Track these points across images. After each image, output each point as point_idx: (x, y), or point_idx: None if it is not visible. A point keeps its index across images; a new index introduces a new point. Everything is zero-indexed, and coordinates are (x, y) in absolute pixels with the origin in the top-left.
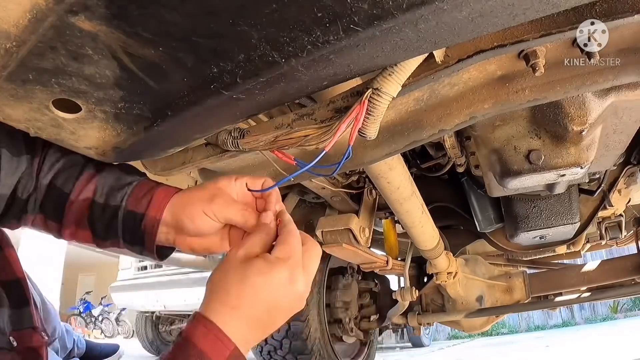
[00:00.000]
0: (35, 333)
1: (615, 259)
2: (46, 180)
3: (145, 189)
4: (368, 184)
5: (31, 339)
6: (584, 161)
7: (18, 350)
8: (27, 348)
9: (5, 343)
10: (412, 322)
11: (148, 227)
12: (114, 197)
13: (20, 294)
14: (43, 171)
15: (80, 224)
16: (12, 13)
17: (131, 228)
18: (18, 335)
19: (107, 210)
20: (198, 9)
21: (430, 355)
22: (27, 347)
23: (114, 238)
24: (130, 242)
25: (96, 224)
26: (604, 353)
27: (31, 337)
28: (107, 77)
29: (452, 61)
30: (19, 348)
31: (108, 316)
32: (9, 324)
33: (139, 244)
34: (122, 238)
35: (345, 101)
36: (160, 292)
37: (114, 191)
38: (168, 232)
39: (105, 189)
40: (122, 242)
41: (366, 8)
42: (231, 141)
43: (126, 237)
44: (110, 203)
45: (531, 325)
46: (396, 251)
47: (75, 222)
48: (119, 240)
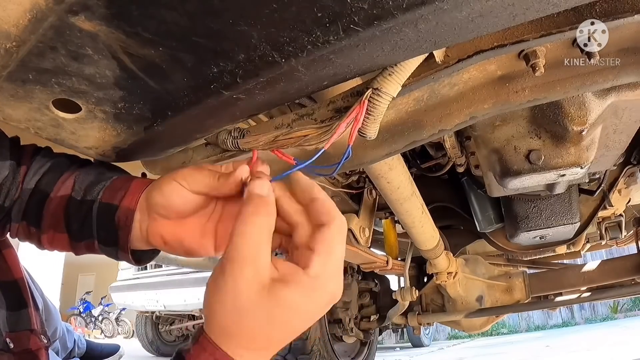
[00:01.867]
0: (33, 336)
1: (615, 259)
2: (30, 185)
3: (123, 181)
4: (368, 184)
5: (28, 342)
6: (584, 161)
7: (15, 352)
8: (25, 350)
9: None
10: (412, 322)
11: (122, 220)
12: (91, 192)
13: (18, 296)
14: (28, 176)
15: (57, 226)
16: (12, 13)
17: (104, 223)
18: (15, 337)
19: (83, 206)
20: (198, 9)
21: (430, 355)
22: (25, 350)
23: (89, 238)
24: (104, 241)
25: (72, 222)
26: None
27: (29, 340)
28: (107, 77)
29: (452, 61)
30: (16, 350)
31: (108, 316)
32: (5, 325)
33: (113, 243)
34: (97, 237)
35: (345, 101)
36: (160, 292)
37: (92, 186)
38: (142, 220)
39: (83, 184)
40: (97, 243)
41: (366, 8)
42: (231, 141)
43: (100, 235)
44: (86, 198)
45: (531, 325)
46: (396, 251)
47: (52, 225)
48: (94, 241)
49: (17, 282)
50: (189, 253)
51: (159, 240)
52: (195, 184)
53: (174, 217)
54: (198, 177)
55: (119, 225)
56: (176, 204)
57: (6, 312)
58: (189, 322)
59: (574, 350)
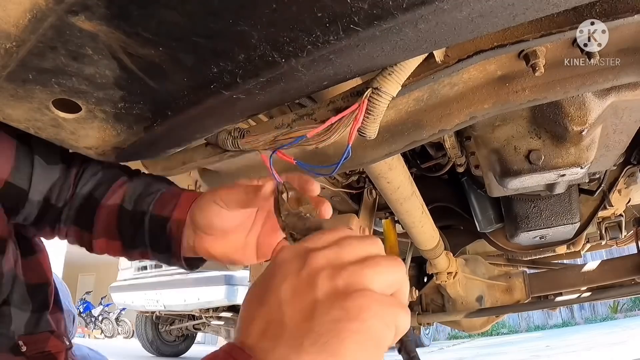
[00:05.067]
0: (54, 338)
1: (615, 259)
2: (83, 191)
3: (172, 194)
4: (368, 184)
5: (47, 344)
6: (584, 161)
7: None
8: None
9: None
10: (412, 322)
11: (174, 231)
12: (142, 204)
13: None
14: (82, 181)
15: (110, 233)
16: (12, 13)
17: (157, 234)
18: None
19: (134, 217)
20: (198, 9)
21: (430, 355)
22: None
23: (142, 247)
24: (158, 249)
25: (124, 231)
26: (604, 353)
27: (47, 342)
28: (107, 77)
29: (452, 61)
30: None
31: (108, 316)
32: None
33: (166, 251)
34: (150, 246)
35: (345, 101)
36: (160, 292)
37: (142, 198)
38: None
39: (134, 196)
40: (150, 251)
41: (366, 8)
42: (231, 141)
43: (153, 244)
44: (137, 209)
45: (531, 325)
46: (396, 251)
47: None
48: (147, 249)
49: (46, 285)
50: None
51: (205, 253)
52: (231, 203)
53: (217, 234)
54: (233, 196)
55: (171, 235)
56: (217, 223)
57: (29, 314)
58: (189, 322)
59: (574, 350)
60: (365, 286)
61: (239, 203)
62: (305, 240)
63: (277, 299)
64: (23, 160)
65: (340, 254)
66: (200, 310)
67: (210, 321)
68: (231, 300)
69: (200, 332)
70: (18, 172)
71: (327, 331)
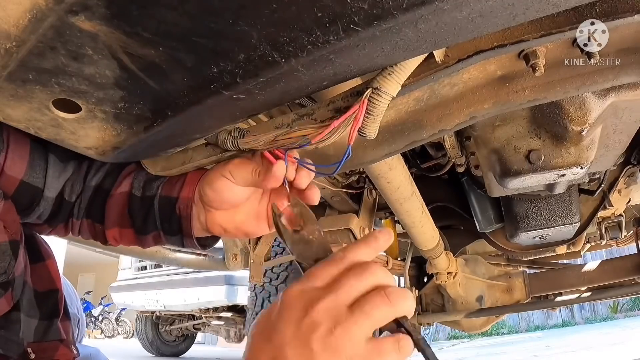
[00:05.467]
0: (63, 346)
1: (615, 259)
2: (92, 182)
3: (178, 175)
4: (368, 184)
5: (56, 352)
6: (584, 161)
7: None
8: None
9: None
10: (412, 322)
11: (183, 210)
12: (150, 188)
13: (53, 305)
14: (90, 173)
15: (122, 222)
16: (12, 13)
17: (167, 214)
18: (39, 347)
19: (144, 202)
20: (198, 9)
21: None
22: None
23: (154, 230)
24: (169, 232)
25: (135, 218)
26: (604, 353)
27: (56, 350)
28: (107, 77)
29: (452, 61)
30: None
31: (108, 316)
32: (31, 335)
33: (178, 232)
34: (162, 228)
35: (345, 101)
36: (160, 292)
37: (150, 182)
38: (199, 213)
39: (142, 182)
40: (163, 234)
41: (366, 8)
42: (231, 141)
43: (165, 227)
44: (146, 194)
45: (531, 325)
46: (396, 251)
47: (117, 222)
48: (159, 232)
49: (55, 292)
50: (248, 235)
51: (218, 229)
52: (241, 178)
53: (228, 207)
54: (244, 172)
55: (181, 215)
56: (227, 197)
57: (37, 322)
58: (189, 322)
59: (574, 350)
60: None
61: (246, 181)
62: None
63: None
64: (38, 159)
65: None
66: (200, 310)
67: (210, 321)
68: (231, 300)
69: (200, 332)
70: (33, 171)
71: None
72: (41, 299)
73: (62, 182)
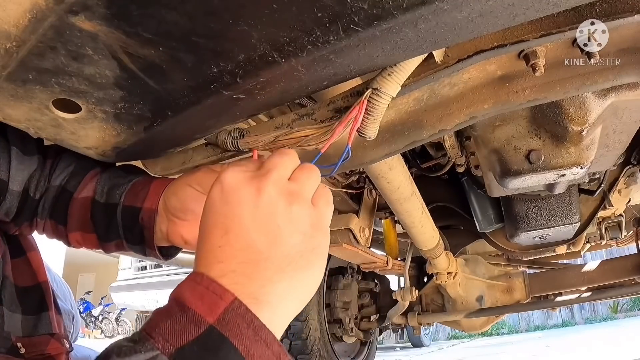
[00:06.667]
0: (54, 340)
1: (615, 259)
2: (56, 182)
3: (143, 183)
4: (368, 184)
5: (47, 346)
6: (584, 161)
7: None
8: (42, 356)
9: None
10: (412, 322)
11: (145, 221)
12: (113, 195)
13: (39, 299)
14: (55, 173)
15: (85, 227)
16: (12, 13)
17: (130, 225)
18: (28, 342)
19: (107, 209)
20: (198, 9)
21: (430, 355)
22: (41, 355)
23: (117, 239)
24: (132, 240)
25: (98, 224)
26: (604, 353)
27: (47, 345)
28: (107, 77)
29: (452, 61)
30: (30, 355)
31: (108, 316)
32: (19, 329)
33: (140, 242)
34: (124, 238)
35: (345, 101)
36: (160, 292)
37: (113, 189)
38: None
39: (105, 188)
40: (125, 243)
41: (366, 8)
42: (231, 141)
43: (127, 236)
44: (109, 201)
45: (531, 325)
46: (396, 251)
47: (79, 226)
48: (122, 241)
49: (39, 286)
50: None
51: (179, 240)
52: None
53: (191, 218)
54: (209, 180)
55: (144, 225)
56: (192, 207)
57: (21, 316)
58: None
59: (574, 350)
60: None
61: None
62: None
63: (240, 227)
64: (0, 151)
65: (281, 176)
66: None
67: None
68: None
69: None
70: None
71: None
72: (23, 294)
73: (27, 175)
